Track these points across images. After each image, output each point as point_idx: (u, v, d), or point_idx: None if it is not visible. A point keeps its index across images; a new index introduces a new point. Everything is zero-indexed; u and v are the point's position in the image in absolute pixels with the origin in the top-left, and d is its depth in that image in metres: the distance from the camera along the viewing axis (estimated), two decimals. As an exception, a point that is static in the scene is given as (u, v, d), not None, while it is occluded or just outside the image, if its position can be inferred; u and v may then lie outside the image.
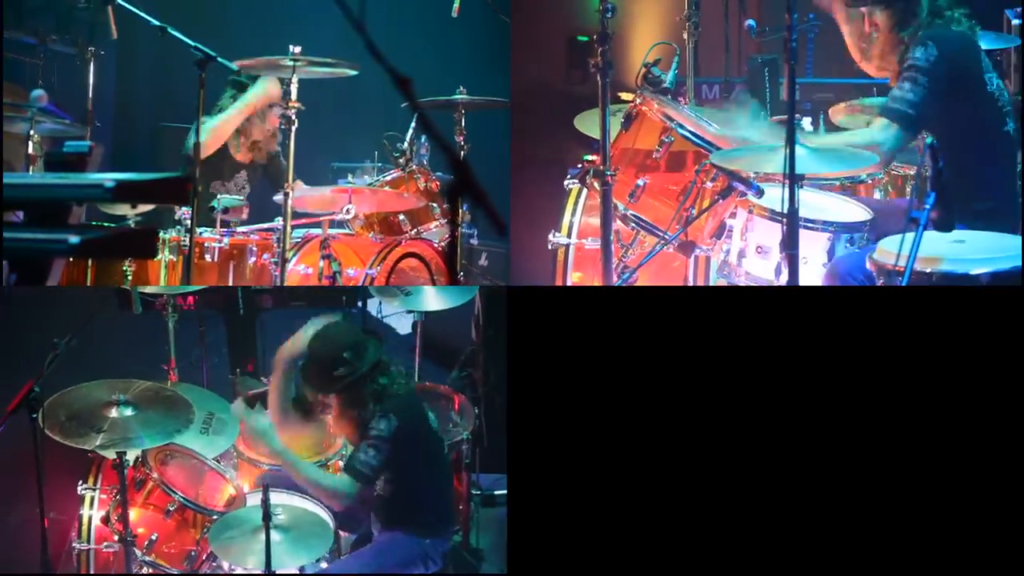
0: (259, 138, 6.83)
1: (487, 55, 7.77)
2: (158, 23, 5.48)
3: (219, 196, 6.08)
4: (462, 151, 6.66)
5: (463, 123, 6.72)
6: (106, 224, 4.50)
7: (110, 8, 5.90)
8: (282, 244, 5.68)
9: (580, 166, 5.74)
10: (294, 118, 5.64)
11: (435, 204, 6.50)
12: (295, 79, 5.65)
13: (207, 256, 5.91)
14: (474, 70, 7.33)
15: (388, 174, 6.49)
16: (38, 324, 6.25)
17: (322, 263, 5.87)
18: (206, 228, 5.94)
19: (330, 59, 5.70)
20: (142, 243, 3.50)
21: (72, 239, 3.06)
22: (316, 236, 6.08)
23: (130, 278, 5.84)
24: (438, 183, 6.54)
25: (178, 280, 5.86)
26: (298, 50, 5.61)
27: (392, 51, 2.82)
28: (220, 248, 5.93)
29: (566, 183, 6.03)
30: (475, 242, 6.95)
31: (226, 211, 5.99)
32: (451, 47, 7.94)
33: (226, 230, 5.98)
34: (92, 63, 6.55)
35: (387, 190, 6.34)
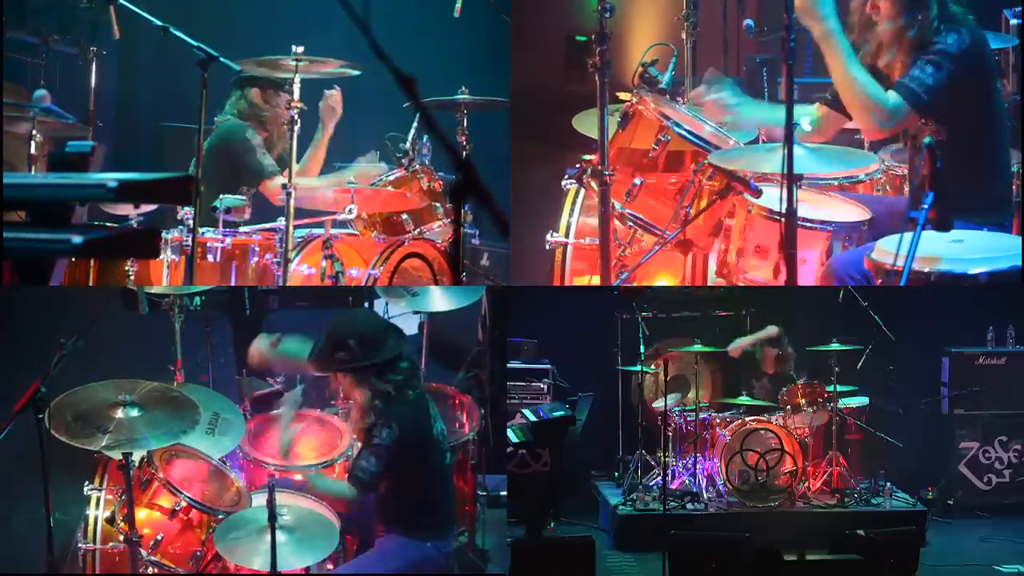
0: (278, 141, 6.84)
1: (488, 55, 7.77)
2: (160, 23, 5.49)
3: (222, 196, 6.06)
4: (464, 151, 6.68)
5: (465, 123, 6.74)
6: (108, 224, 4.51)
7: (112, 8, 5.90)
8: (284, 244, 5.69)
9: (578, 166, 5.74)
10: (296, 118, 5.66)
11: (438, 204, 6.50)
12: (297, 79, 5.66)
13: (209, 256, 5.93)
14: (475, 70, 7.33)
15: (391, 174, 6.49)
16: (44, 324, 6.24)
17: (324, 263, 5.87)
18: (208, 228, 5.95)
19: (332, 59, 5.71)
20: (144, 243, 3.52)
21: (75, 239, 3.07)
22: (319, 236, 6.08)
23: (132, 278, 5.85)
24: (441, 183, 6.54)
25: (180, 280, 5.86)
26: (301, 50, 5.63)
27: (393, 51, 2.83)
28: (222, 248, 5.94)
29: (563, 183, 6.02)
30: (477, 242, 6.94)
31: (228, 211, 5.99)
32: (453, 47, 7.93)
33: (228, 230, 5.98)
34: (94, 63, 6.58)
35: (390, 190, 6.34)
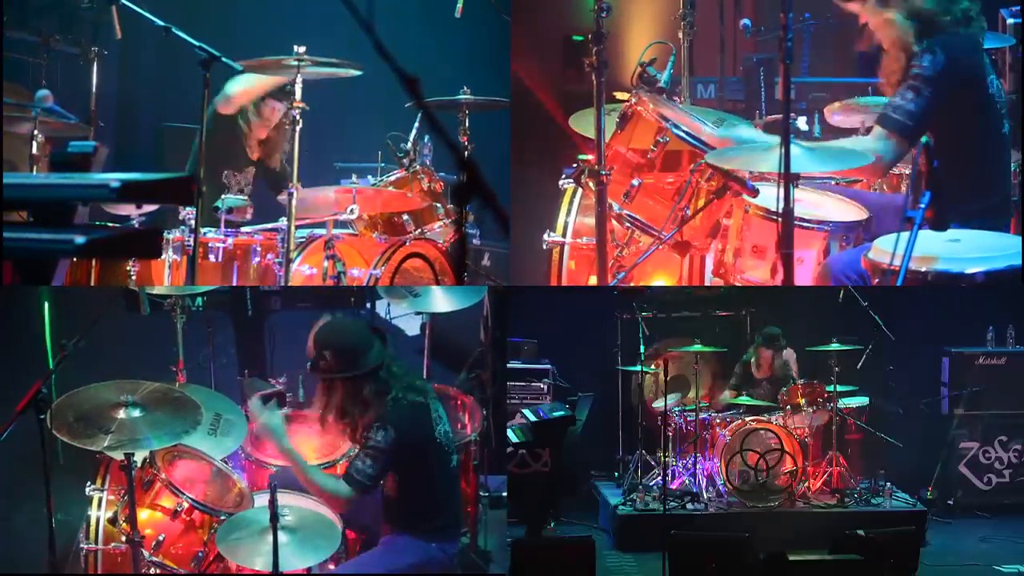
0: (263, 135, 6.85)
1: (489, 55, 7.78)
2: (162, 23, 5.50)
3: (223, 196, 6.09)
4: (466, 151, 6.69)
5: (467, 123, 6.74)
6: (110, 224, 4.51)
7: (114, 8, 5.90)
8: (286, 244, 5.68)
9: (575, 166, 5.73)
10: (298, 118, 5.66)
11: (439, 204, 6.50)
12: (299, 79, 5.66)
13: (211, 256, 5.93)
14: (476, 70, 7.35)
15: (392, 174, 6.49)
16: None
17: (326, 263, 5.87)
18: (210, 228, 5.95)
19: (334, 59, 5.72)
20: (146, 243, 3.54)
21: (78, 239, 3.09)
22: (320, 236, 6.08)
23: (134, 278, 5.85)
24: (442, 183, 6.55)
25: (182, 280, 5.86)
26: (302, 50, 5.64)
27: (395, 51, 2.85)
28: (224, 248, 5.95)
29: (561, 183, 6.02)
30: (478, 242, 6.95)
31: (230, 211, 6.00)
32: (454, 47, 7.94)
33: (230, 230, 5.98)
34: (96, 63, 6.56)
35: (391, 190, 6.34)
